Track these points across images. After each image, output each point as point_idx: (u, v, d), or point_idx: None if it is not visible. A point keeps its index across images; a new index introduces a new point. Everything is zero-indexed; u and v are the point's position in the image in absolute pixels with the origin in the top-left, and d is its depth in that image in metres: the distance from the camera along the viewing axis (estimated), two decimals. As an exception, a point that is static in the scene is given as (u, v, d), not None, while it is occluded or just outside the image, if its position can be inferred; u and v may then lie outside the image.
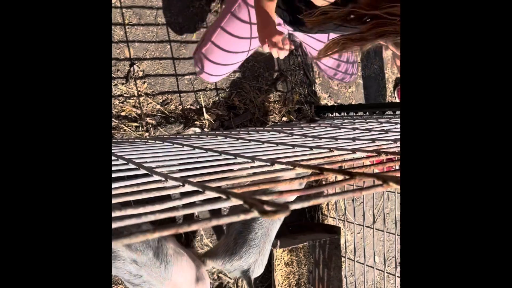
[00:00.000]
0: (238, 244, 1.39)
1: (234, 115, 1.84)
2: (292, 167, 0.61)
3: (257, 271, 1.48)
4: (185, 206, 0.40)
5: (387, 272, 1.84)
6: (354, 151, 0.74)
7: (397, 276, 1.85)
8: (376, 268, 1.86)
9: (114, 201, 0.46)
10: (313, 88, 2.07)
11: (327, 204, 2.11)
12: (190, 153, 0.83)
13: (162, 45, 1.70)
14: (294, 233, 1.98)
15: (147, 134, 1.63)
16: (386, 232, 1.78)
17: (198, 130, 1.71)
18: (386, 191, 1.97)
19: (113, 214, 0.40)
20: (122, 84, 1.61)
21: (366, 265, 1.90)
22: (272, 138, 1.10)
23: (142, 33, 1.65)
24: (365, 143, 0.88)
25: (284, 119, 1.96)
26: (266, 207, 0.37)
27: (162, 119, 1.68)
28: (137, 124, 1.61)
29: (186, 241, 1.73)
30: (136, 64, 1.63)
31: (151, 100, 1.66)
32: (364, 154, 0.71)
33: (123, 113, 1.60)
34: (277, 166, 0.64)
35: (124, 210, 0.42)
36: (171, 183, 0.55)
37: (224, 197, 0.44)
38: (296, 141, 1.00)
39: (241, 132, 1.34)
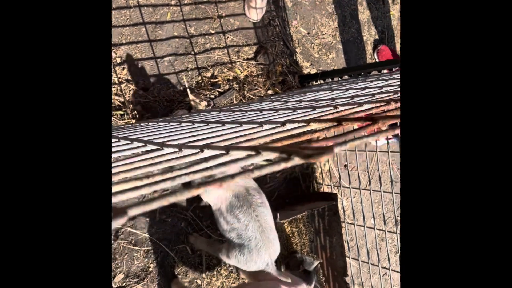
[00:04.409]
0: (244, 254, 1.41)
1: (219, 93, 1.81)
2: (307, 123, 0.59)
3: (275, 255, 1.49)
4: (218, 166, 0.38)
5: (388, 231, 1.86)
6: (361, 104, 0.72)
7: (398, 234, 1.88)
8: (376, 229, 1.88)
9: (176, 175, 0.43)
10: (295, 58, 2.04)
11: (321, 173, 2.12)
12: (209, 127, 0.80)
13: (136, 28, 1.63)
14: (291, 205, 1.97)
15: (133, 121, 1.58)
16: (383, 192, 1.80)
17: (185, 111, 1.67)
18: (380, 151, 1.98)
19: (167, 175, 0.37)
20: (101, 72, 1.55)
21: (366, 227, 1.92)
22: (271, 106, 1.08)
23: (115, 17, 1.59)
24: (367, 98, 0.87)
25: (270, 92, 1.94)
26: (308, 152, 0.35)
27: (146, 104, 1.63)
28: (122, 112, 1.56)
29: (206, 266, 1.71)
30: (113, 51, 1.57)
31: (132, 86, 1.60)
32: (373, 105, 0.69)
33: (106, 103, 1.55)
34: (288, 126, 0.62)
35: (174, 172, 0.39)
36: (188, 151, 0.53)
37: (253, 153, 0.42)
38: (296, 106, 0.98)
39: (241, 107, 1.31)
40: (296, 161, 0.35)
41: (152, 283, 1.63)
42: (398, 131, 0.42)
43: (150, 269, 1.63)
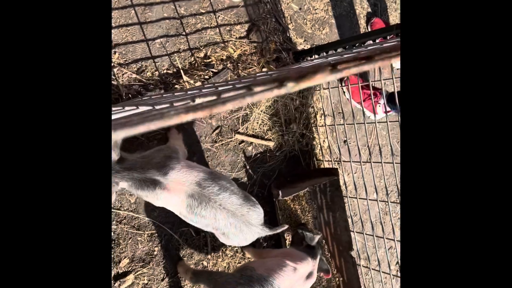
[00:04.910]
0: (231, 239, 1.41)
1: (213, 74, 1.79)
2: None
3: (260, 218, 1.45)
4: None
5: (390, 202, 1.86)
6: (357, 55, 0.71)
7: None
8: (379, 200, 1.87)
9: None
10: (288, 35, 2.02)
11: (321, 149, 2.11)
12: (203, 92, 0.79)
13: (126, 11, 1.61)
14: (293, 183, 1.97)
15: (128, 105, 1.56)
16: (384, 163, 1.79)
17: (180, 93, 1.65)
18: (379, 122, 1.96)
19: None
20: (92, 57, 1.53)
21: (369, 199, 1.92)
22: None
23: (103, 0, 1.56)
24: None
25: (264, 70, 1.92)
26: (300, 76, 0.33)
27: (140, 88, 1.61)
28: (116, 97, 1.54)
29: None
30: (103, 34, 1.55)
31: (125, 69, 1.59)
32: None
33: (99, 87, 1.53)
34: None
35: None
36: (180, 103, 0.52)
37: (244, 90, 0.40)
38: (291, 71, 0.97)
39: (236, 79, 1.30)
40: (290, 86, 0.34)
41: (157, 266, 1.63)
42: (397, 61, 0.40)
43: (155, 253, 1.63)
